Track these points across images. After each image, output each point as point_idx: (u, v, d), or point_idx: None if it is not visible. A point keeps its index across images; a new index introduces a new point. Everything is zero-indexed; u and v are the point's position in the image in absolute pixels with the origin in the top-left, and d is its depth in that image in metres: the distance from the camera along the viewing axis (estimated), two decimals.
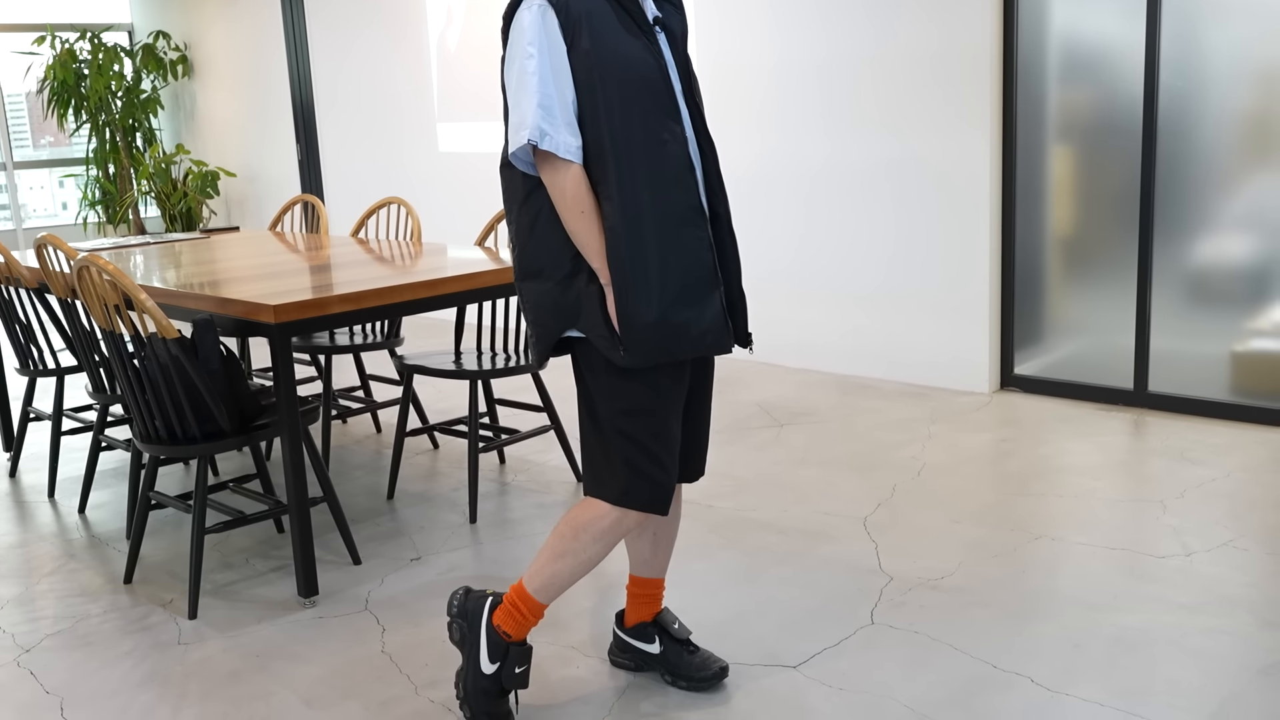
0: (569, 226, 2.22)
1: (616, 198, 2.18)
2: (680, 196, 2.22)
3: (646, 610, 2.65)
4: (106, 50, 9.59)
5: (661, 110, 2.22)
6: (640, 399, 2.28)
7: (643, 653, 2.64)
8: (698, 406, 2.47)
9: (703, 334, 2.25)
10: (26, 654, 2.91)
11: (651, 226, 2.19)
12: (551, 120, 2.17)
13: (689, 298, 2.22)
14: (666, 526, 2.59)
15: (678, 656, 2.60)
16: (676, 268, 2.21)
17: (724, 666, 2.58)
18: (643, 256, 2.19)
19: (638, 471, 2.30)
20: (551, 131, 2.16)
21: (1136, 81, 4.44)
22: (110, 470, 4.42)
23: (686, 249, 2.22)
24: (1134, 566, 3.11)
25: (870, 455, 4.17)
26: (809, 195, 5.39)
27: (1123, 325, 4.64)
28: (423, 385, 5.50)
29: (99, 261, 2.95)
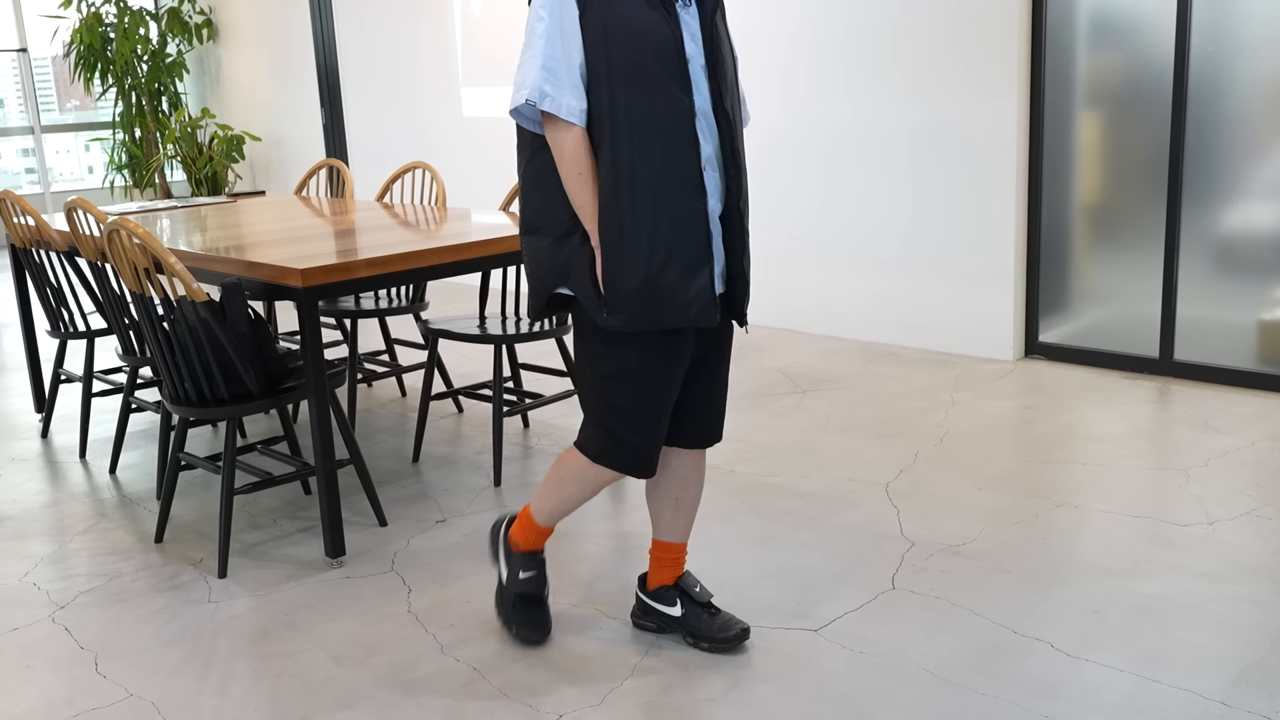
0: (567, 187, 2.28)
1: (611, 162, 2.23)
2: (678, 168, 2.24)
3: (668, 574, 2.68)
4: (132, 14, 9.61)
5: (670, 80, 2.23)
6: (622, 365, 2.34)
7: (665, 615, 2.67)
8: (708, 375, 2.51)
9: (688, 304, 2.28)
10: (61, 610, 2.97)
11: (645, 194, 2.23)
12: (554, 81, 2.22)
13: (677, 267, 2.26)
14: (688, 491, 2.62)
15: (699, 619, 2.63)
16: (666, 237, 2.25)
17: (745, 628, 2.61)
18: (633, 222, 2.24)
19: (615, 437, 2.40)
20: (553, 93, 2.22)
21: (1167, 46, 4.39)
22: (140, 432, 4.48)
23: (679, 219, 2.25)
24: (1156, 534, 3.12)
25: (893, 422, 4.18)
26: (832, 160, 5.36)
27: (1149, 293, 4.61)
28: (447, 349, 5.54)
29: (129, 225, 2.98)
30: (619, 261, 2.25)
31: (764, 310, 5.80)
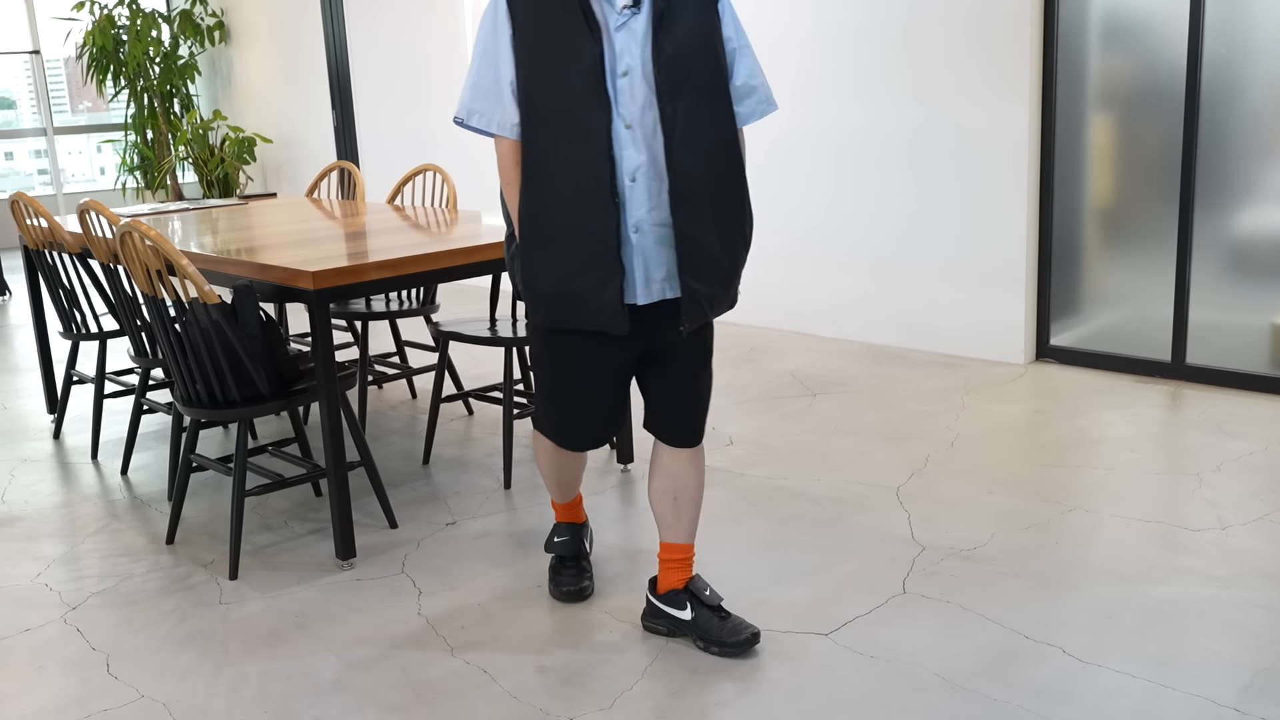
0: (502, 192, 2.50)
1: (529, 173, 2.38)
2: (591, 182, 2.33)
3: (677, 576, 2.68)
4: (145, 16, 9.65)
5: (585, 96, 2.32)
6: (548, 353, 2.56)
7: (674, 618, 2.67)
8: (671, 377, 2.56)
9: (596, 312, 2.39)
10: (73, 611, 2.98)
11: (556, 206, 2.36)
12: (482, 98, 2.40)
13: (585, 278, 2.37)
14: (686, 490, 2.65)
15: (709, 622, 2.63)
16: (576, 248, 2.36)
17: (755, 632, 2.61)
18: (546, 232, 2.38)
19: (545, 408, 2.66)
20: (480, 109, 2.40)
21: (1180, 48, 4.37)
22: (151, 433, 4.49)
23: (589, 232, 2.35)
24: (1168, 539, 3.10)
25: (903, 425, 4.17)
26: (842, 162, 5.36)
27: (1161, 296, 4.59)
28: (458, 351, 5.54)
29: (141, 227, 2.99)
30: (535, 266, 2.42)
31: (773, 312, 5.80)
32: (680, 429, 2.61)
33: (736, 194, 2.44)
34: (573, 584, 2.91)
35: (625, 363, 2.53)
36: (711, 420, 4.32)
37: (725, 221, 2.42)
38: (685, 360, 2.56)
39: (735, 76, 2.46)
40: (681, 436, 2.62)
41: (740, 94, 2.46)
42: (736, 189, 2.44)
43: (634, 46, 2.34)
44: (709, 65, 2.39)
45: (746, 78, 2.46)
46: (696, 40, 2.37)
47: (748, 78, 2.46)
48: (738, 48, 2.46)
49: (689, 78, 2.35)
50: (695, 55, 2.37)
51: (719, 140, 2.40)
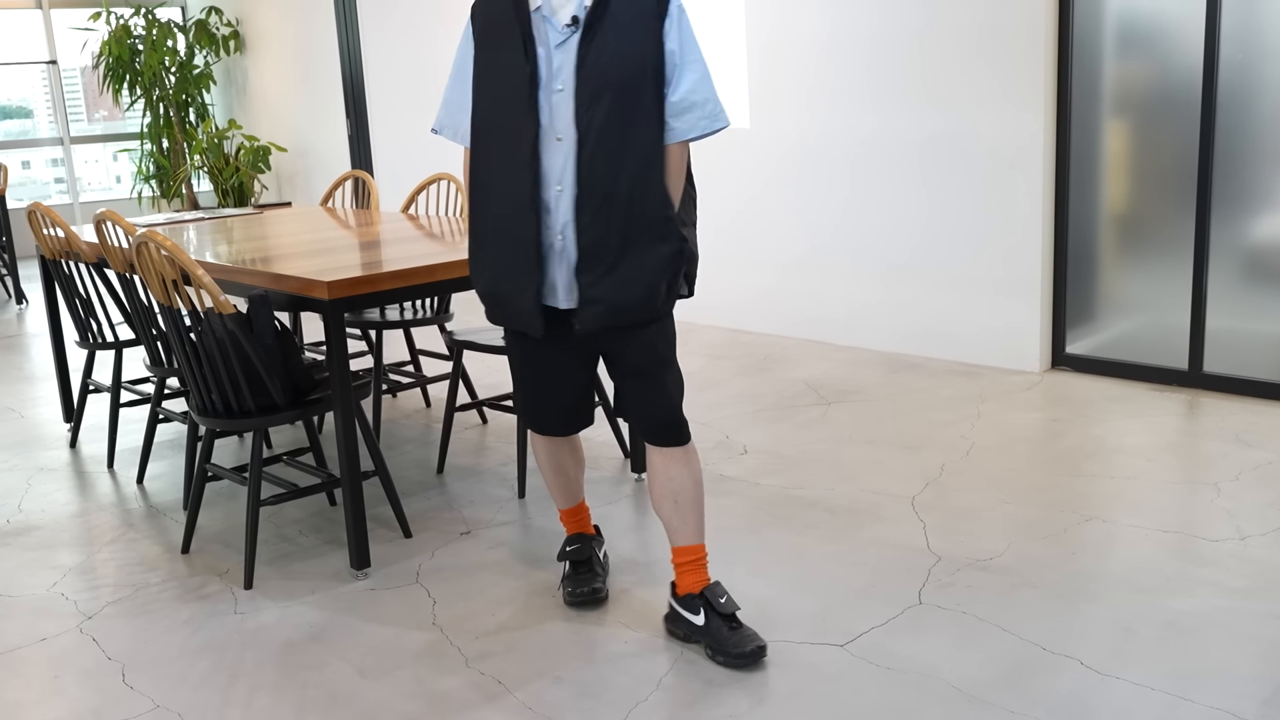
0: None
1: (472, 180, 2.58)
2: (516, 190, 2.47)
3: (693, 579, 2.70)
4: (160, 26, 9.70)
5: (516, 108, 2.46)
6: (508, 345, 2.75)
7: (689, 623, 2.69)
8: (629, 378, 2.63)
9: (517, 313, 2.56)
10: (89, 620, 2.99)
11: (489, 211, 2.54)
12: (451, 111, 2.65)
13: (507, 281, 2.54)
14: (683, 491, 2.67)
15: (719, 631, 2.64)
16: (502, 251, 2.53)
17: (761, 646, 2.60)
18: (481, 236, 2.59)
19: (518, 395, 2.82)
20: (449, 122, 2.65)
21: (1196, 54, 4.35)
22: (167, 442, 4.50)
23: (513, 238, 2.50)
24: (1187, 550, 3.08)
25: (918, 434, 4.15)
26: (857, 170, 5.35)
27: (1178, 304, 4.57)
28: (472, 360, 5.54)
29: (157, 238, 3.00)
30: (474, 266, 2.62)
31: (787, 320, 5.79)
32: (649, 427, 2.67)
33: (653, 207, 2.46)
34: (585, 584, 2.92)
35: (568, 359, 2.66)
36: (725, 429, 4.32)
37: (634, 232, 2.46)
38: (636, 360, 2.61)
39: (673, 92, 2.46)
40: (655, 435, 2.67)
41: (677, 109, 2.47)
42: (653, 202, 2.46)
43: (570, 62, 2.43)
44: (634, 78, 2.42)
45: (686, 93, 2.46)
46: (623, 53, 2.42)
47: (687, 93, 2.46)
48: (681, 63, 2.46)
49: (606, 89, 2.41)
50: (617, 68, 2.41)
51: (635, 152, 2.43)
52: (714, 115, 2.50)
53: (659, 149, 2.46)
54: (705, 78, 2.49)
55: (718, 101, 2.52)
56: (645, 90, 2.43)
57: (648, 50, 2.43)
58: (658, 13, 2.44)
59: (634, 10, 2.43)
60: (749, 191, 5.84)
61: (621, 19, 2.42)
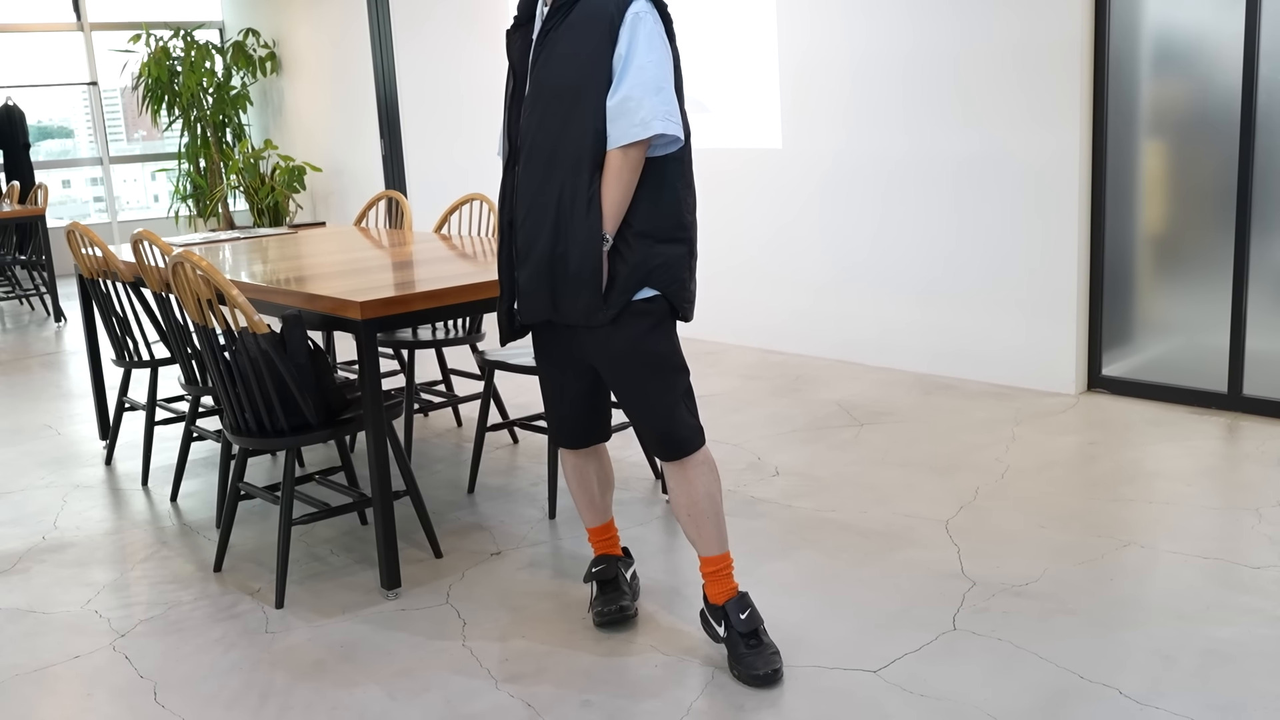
0: None
1: None
2: (501, 207, 2.63)
3: (718, 588, 2.71)
4: (199, 48, 9.83)
5: (505, 130, 2.63)
6: None
7: (715, 632, 2.72)
8: (619, 393, 2.66)
9: (499, 321, 2.73)
10: (122, 638, 3.00)
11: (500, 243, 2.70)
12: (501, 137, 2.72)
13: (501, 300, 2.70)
14: (695, 504, 2.66)
15: (736, 647, 2.65)
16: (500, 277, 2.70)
17: (777, 669, 2.59)
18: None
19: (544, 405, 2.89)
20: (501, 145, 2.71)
21: (1234, 73, 4.31)
22: (201, 460, 4.53)
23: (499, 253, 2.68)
24: (1227, 576, 3.03)
25: (952, 456, 4.11)
26: (891, 189, 5.32)
27: (1216, 325, 4.51)
28: (503, 380, 5.55)
29: (193, 258, 3.02)
30: None
31: (820, 340, 5.76)
32: (647, 440, 2.69)
33: (579, 215, 2.45)
34: (612, 603, 2.91)
35: (564, 368, 2.73)
36: (757, 451, 4.29)
37: (562, 235, 2.48)
38: (612, 375, 2.64)
39: (611, 96, 2.43)
40: (654, 447, 2.69)
41: (612, 114, 2.43)
42: (579, 210, 2.44)
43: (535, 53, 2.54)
44: (571, 84, 2.45)
45: (622, 99, 2.41)
46: (563, 60, 2.46)
47: (623, 99, 2.41)
48: (624, 68, 2.41)
49: (543, 95, 2.50)
50: (557, 74, 2.47)
51: (565, 157, 2.47)
52: (644, 123, 2.39)
53: (592, 157, 2.44)
54: (645, 84, 2.39)
55: (655, 109, 2.39)
56: (584, 96, 2.43)
57: (594, 56, 2.42)
58: (614, 19, 2.43)
59: (591, 19, 2.44)
60: (781, 212, 5.82)
61: (577, 28, 2.46)
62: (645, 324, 2.55)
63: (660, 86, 2.42)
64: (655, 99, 2.40)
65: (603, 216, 2.45)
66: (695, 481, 2.66)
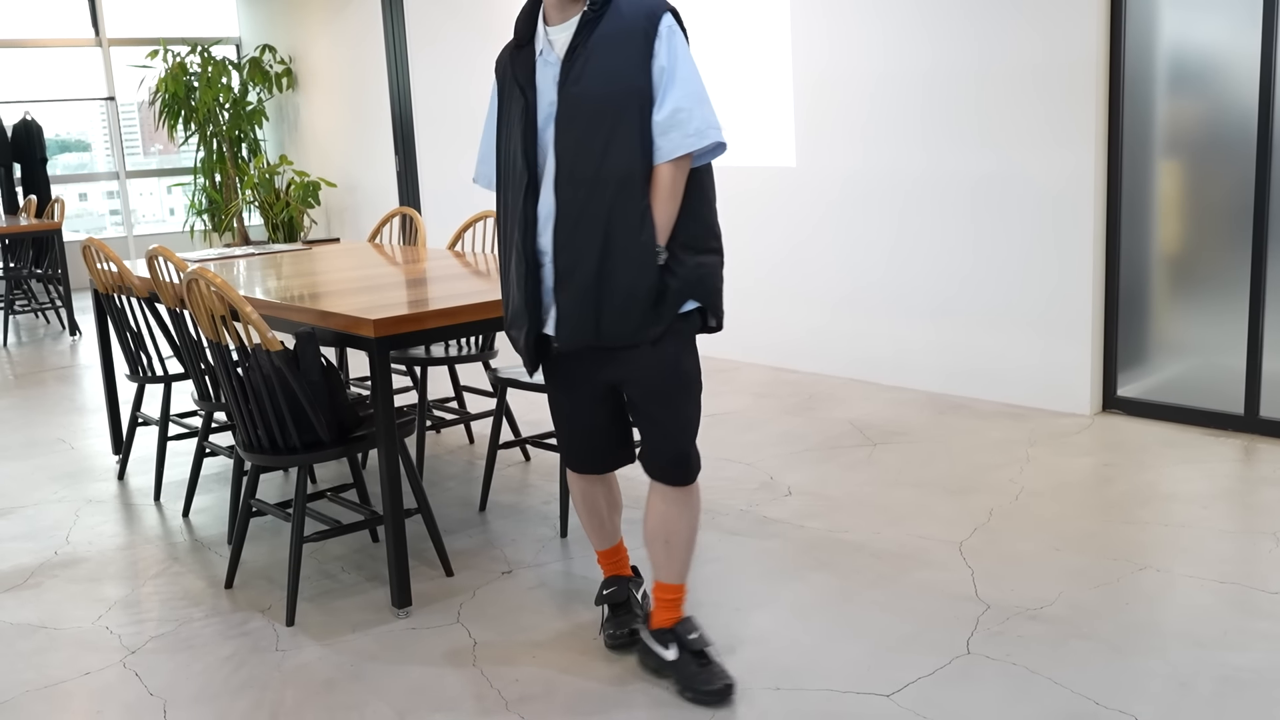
0: None
1: (497, 222, 2.66)
2: (516, 234, 2.54)
3: (666, 615, 2.72)
4: (215, 64, 9.89)
5: (515, 162, 2.52)
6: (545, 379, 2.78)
7: (659, 658, 2.70)
8: (640, 416, 2.65)
9: (521, 353, 2.64)
10: (132, 655, 3.00)
11: (504, 252, 2.63)
12: (484, 161, 2.73)
13: (514, 322, 2.62)
14: (676, 533, 2.67)
15: (687, 667, 2.65)
16: (509, 297, 2.63)
17: (729, 684, 2.61)
18: (501, 281, 2.68)
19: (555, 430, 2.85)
20: (484, 170, 2.74)
21: (1250, 92, 4.29)
22: (213, 475, 4.54)
23: (515, 283, 2.58)
24: (1245, 602, 3.00)
25: (966, 477, 4.09)
26: (906, 208, 5.31)
27: (1233, 346, 4.48)
28: (515, 398, 5.55)
29: (208, 275, 3.03)
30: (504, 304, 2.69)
31: (833, 359, 5.74)
32: (655, 465, 2.66)
33: (633, 230, 2.42)
34: (624, 626, 2.89)
35: (585, 392, 2.66)
36: (769, 470, 4.27)
37: (614, 254, 2.43)
38: (644, 394, 2.59)
39: (659, 110, 2.42)
40: (660, 473, 2.66)
41: (661, 127, 2.42)
42: (633, 228, 2.42)
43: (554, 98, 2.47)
44: (612, 100, 2.40)
45: (671, 111, 2.42)
46: (603, 75, 2.40)
47: (673, 111, 2.42)
48: (669, 80, 2.41)
49: (583, 111, 2.41)
50: (595, 90, 2.40)
51: (612, 174, 2.41)
52: (699, 133, 2.42)
53: (642, 172, 2.42)
54: (693, 95, 2.43)
55: (707, 119, 2.43)
56: (626, 112, 2.40)
57: (632, 71, 2.40)
58: (647, 33, 2.41)
59: (622, 36, 2.41)
60: (795, 230, 5.82)
61: (609, 42, 2.41)
62: (680, 340, 2.56)
63: (704, 97, 2.47)
64: (704, 109, 2.45)
65: (655, 230, 2.44)
66: (690, 509, 2.68)
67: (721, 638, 2.91)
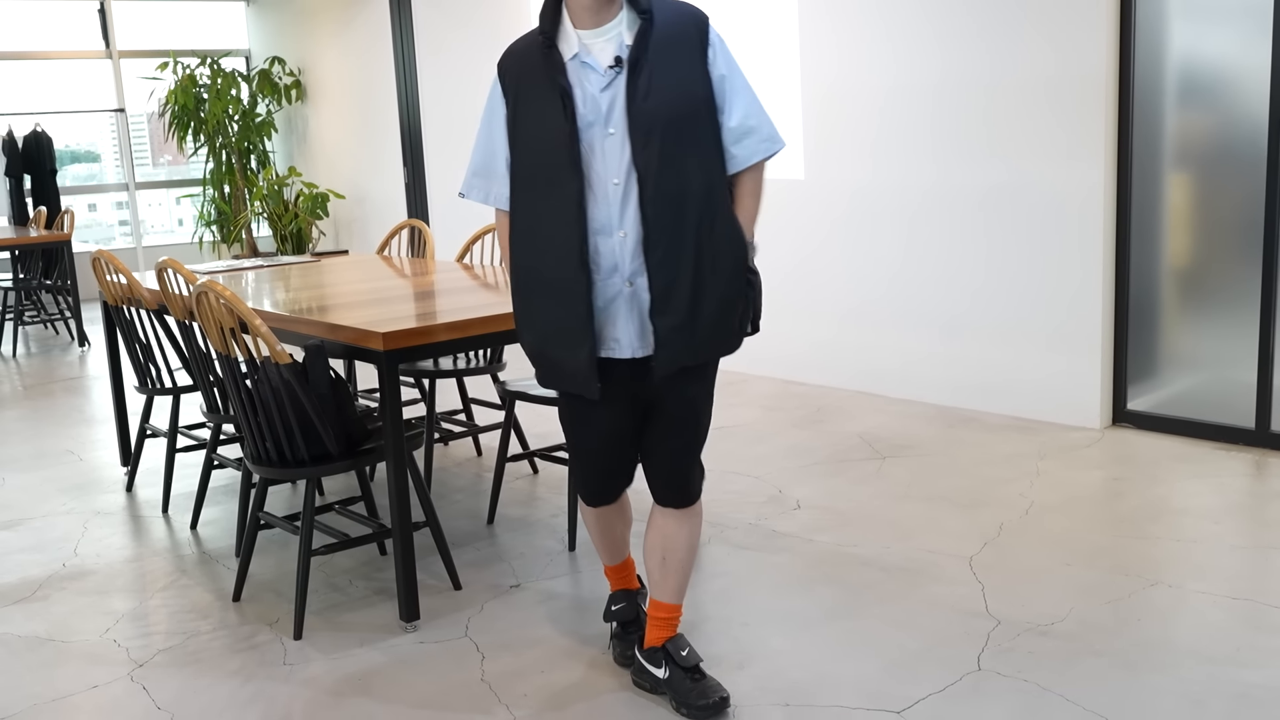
0: None
1: (515, 238, 2.50)
2: (561, 250, 2.39)
3: (659, 634, 2.70)
4: (225, 76, 9.92)
5: (558, 161, 2.38)
6: (561, 411, 2.66)
7: (653, 676, 2.69)
8: (659, 434, 2.58)
9: (571, 375, 2.47)
10: (140, 669, 2.99)
11: (534, 275, 2.47)
12: (479, 173, 2.58)
13: (558, 341, 2.46)
14: (674, 551, 2.66)
15: (681, 683, 2.63)
16: (549, 314, 2.46)
17: (724, 697, 2.60)
18: (526, 301, 2.51)
19: (574, 465, 2.76)
20: (478, 184, 2.58)
21: (1261, 105, 4.28)
22: (221, 487, 4.53)
23: (560, 299, 2.42)
24: (1258, 618, 2.98)
25: (976, 491, 4.07)
26: (915, 221, 5.31)
27: (1243, 360, 4.46)
28: (524, 410, 5.54)
29: (217, 288, 3.03)
30: (522, 333, 2.55)
31: (841, 372, 5.73)
32: (664, 488, 2.64)
33: (721, 241, 2.42)
34: (632, 645, 2.86)
35: (621, 413, 2.56)
36: (778, 483, 4.26)
37: (705, 268, 2.41)
38: (679, 415, 2.56)
39: (729, 118, 2.44)
40: (671, 497, 2.64)
41: (735, 135, 2.44)
42: (721, 236, 2.42)
43: (619, 104, 2.37)
44: (685, 112, 2.38)
45: (742, 118, 2.44)
46: (672, 89, 2.37)
47: (743, 118, 2.44)
48: (731, 89, 2.43)
49: (659, 126, 2.35)
50: (668, 104, 2.36)
51: (697, 187, 2.39)
52: (772, 138, 2.48)
53: (722, 181, 2.43)
54: (756, 101, 2.48)
55: (772, 124, 2.49)
56: (699, 123, 2.40)
57: (696, 81, 2.40)
58: (700, 43, 2.41)
59: (675, 44, 2.39)
60: (804, 243, 5.81)
61: (664, 54, 2.38)
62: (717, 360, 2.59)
63: (761, 104, 2.50)
64: (767, 115, 2.50)
65: (745, 234, 2.48)
66: (689, 530, 2.67)
67: (730, 653, 2.90)
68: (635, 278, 2.41)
